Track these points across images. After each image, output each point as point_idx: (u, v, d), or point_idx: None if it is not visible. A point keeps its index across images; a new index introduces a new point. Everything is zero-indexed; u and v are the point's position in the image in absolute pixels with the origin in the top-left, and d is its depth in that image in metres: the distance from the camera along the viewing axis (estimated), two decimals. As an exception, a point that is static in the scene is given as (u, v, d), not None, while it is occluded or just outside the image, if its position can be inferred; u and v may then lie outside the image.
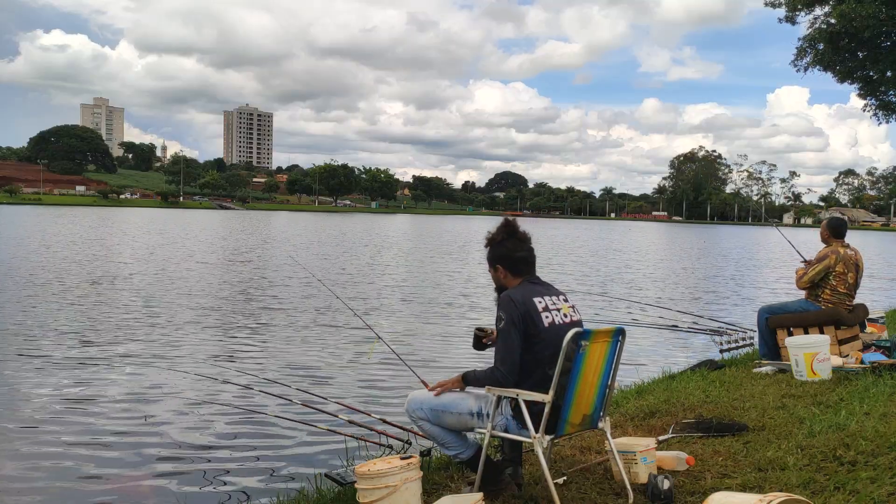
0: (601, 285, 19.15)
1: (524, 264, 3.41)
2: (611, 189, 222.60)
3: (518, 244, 3.42)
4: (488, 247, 3.48)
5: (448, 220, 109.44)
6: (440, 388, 3.42)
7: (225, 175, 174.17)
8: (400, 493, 3.11)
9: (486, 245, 3.48)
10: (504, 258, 3.41)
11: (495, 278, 3.49)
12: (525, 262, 3.41)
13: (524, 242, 3.44)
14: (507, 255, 3.40)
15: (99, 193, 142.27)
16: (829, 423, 4.28)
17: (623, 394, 5.84)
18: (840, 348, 6.29)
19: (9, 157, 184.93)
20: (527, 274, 3.40)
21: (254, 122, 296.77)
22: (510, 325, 3.18)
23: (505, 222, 3.48)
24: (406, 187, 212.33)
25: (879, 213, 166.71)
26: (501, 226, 3.48)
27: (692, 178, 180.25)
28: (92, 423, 6.16)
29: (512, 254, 3.40)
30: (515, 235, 3.44)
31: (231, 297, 14.72)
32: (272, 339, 10.25)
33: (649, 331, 10.38)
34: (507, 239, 3.43)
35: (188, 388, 7.27)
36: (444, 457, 4.01)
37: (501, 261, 3.42)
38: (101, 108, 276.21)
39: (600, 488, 3.53)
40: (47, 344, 9.39)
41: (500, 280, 3.45)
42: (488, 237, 3.47)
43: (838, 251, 6.47)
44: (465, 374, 3.39)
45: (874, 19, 14.42)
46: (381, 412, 5.64)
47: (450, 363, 8.83)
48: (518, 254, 3.40)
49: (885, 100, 17.22)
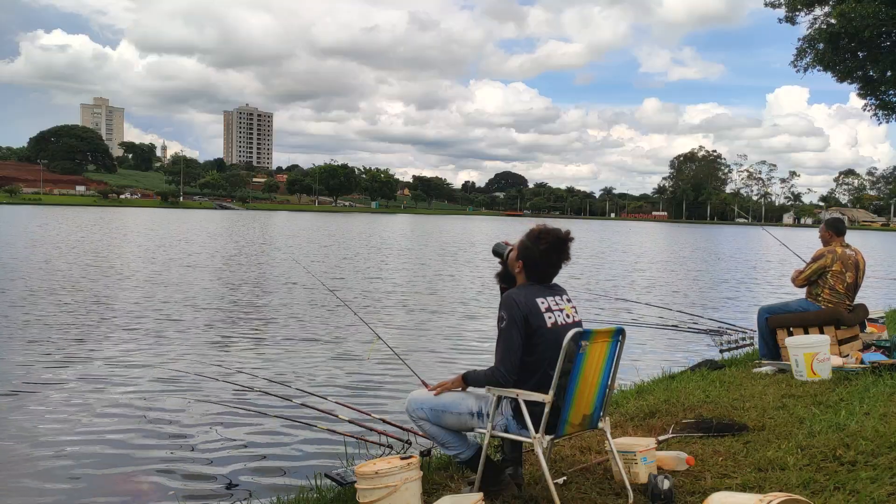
0: (601, 285, 19.14)
1: (544, 276, 3.34)
2: (611, 189, 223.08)
3: (556, 261, 3.29)
4: (530, 237, 3.31)
5: (448, 221, 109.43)
6: (441, 388, 3.41)
7: (225, 175, 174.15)
8: (400, 493, 3.11)
9: (530, 238, 3.31)
10: (534, 263, 3.29)
11: (513, 263, 3.38)
12: (545, 276, 3.33)
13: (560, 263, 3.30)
14: (539, 264, 3.29)
15: (99, 193, 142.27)
16: (829, 423, 4.28)
17: (623, 394, 5.83)
18: (840, 348, 6.29)
19: (9, 157, 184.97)
20: (539, 283, 3.33)
21: (254, 122, 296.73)
22: (511, 325, 3.16)
23: (561, 235, 3.28)
24: (406, 187, 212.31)
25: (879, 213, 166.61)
26: (556, 235, 3.27)
27: (692, 178, 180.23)
28: (91, 423, 6.16)
29: (544, 266, 3.30)
30: (560, 253, 3.28)
31: (231, 296, 14.71)
32: (272, 339, 10.25)
33: (649, 331, 10.39)
34: (552, 250, 3.27)
35: (188, 388, 7.26)
36: (444, 457, 4.01)
37: (529, 261, 3.30)
38: (101, 108, 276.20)
39: (600, 488, 3.53)
40: (47, 344, 9.39)
41: (512, 270, 3.39)
42: (538, 232, 3.30)
43: (836, 251, 6.47)
44: (465, 374, 3.38)
45: (874, 19, 14.43)
46: (381, 412, 5.64)
47: (450, 363, 8.84)
48: (547, 269, 3.31)
49: (885, 99, 17.22)
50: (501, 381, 3.17)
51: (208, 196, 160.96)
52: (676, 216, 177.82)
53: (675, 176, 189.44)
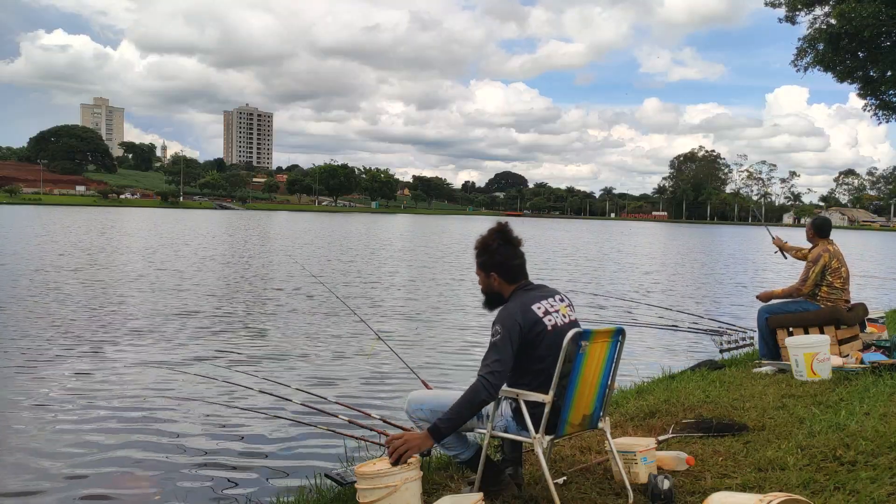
0: (601, 285, 19.14)
1: (519, 270, 3.31)
2: (611, 189, 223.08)
3: (514, 251, 3.29)
4: (481, 252, 3.32)
5: (448, 221, 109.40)
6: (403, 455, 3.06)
7: (225, 175, 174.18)
8: (400, 493, 3.10)
9: (478, 249, 3.32)
10: (500, 266, 3.28)
11: (486, 284, 3.36)
12: (520, 269, 3.32)
13: (518, 248, 3.32)
14: (503, 263, 3.28)
15: (99, 193, 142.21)
16: (829, 423, 4.28)
17: (623, 394, 5.83)
18: (840, 348, 6.29)
19: (9, 157, 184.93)
20: (521, 279, 3.32)
21: (254, 122, 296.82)
22: (506, 339, 3.10)
23: (498, 227, 3.32)
24: (406, 187, 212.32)
25: (879, 213, 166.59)
26: (496, 231, 3.31)
27: (692, 178, 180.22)
28: (91, 423, 6.16)
29: (508, 262, 3.29)
30: (510, 242, 3.29)
31: (231, 296, 14.71)
32: (272, 339, 10.24)
33: (649, 331, 10.37)
34: (502, 245, 3.28)
35: (188, 388, 7.26)
36: (444, 457, 4.01)
37: (497, 269, 3.29)
38: (101, 108, 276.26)
39: (600, 488, 3.53)
40: (47, 344, 9.39)
41: (493, 287, 3.34)
42: (481, 242, 3.32)
43: (829, 248, 6.53)
44: (430, 428, 3.08)
45: (874, 19, 14.42)
46: (381, 412, 5.64)
47: (449, 363, 8.84)
48: (514, 262, 3.29)
49: (885, 99, 17.21)
50: (484, 396, 3.06)
51: (208, 196, 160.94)
52: (676, 216, 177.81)
53: (675, 176, 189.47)
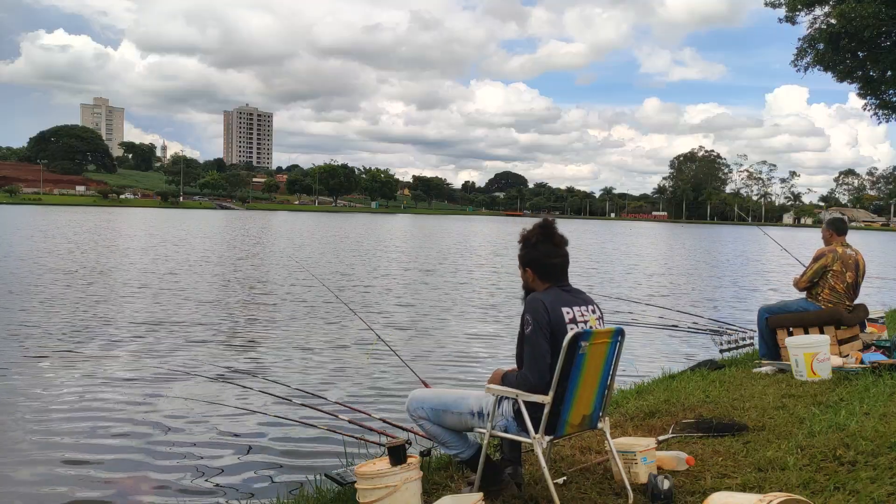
0: (601, 285, 19.14)
1: (556, 270, 3.28)
2: (611, 189, 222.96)
3: (553, 249, 3.26)
4: (522, 246, 3.33)
5: (448, 221, 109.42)
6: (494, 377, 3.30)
7: (225, 175, 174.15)
8: (400, 493, 3.11)
9: (520, 243, 3.33)
10: (535, 262, 3.27)
11: (523, 278, 3.38)
12: (558, 269, 3.28)
13: (559, 248, 3.27)
14: (539, 260, 3.27)
15: (99, 193, 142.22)
16: (829, 423, 4.28)
17: (623, 394, 5.83)
18: (840, 348, 6.29)
19: (9, 157, 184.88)
20: (557, 280, 3.29)
21: (254, 122, 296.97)
22: (537, 331, 3.10)
23: (543, 224, 3.31)
24: (406, 187, 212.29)
25: (879, 213, 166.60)
26: (538, 227, 3.30)
27: (692, 178, 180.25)
28: (91, 423, 6.15)
29: (545, 259, 3.27)
30: (552, 240, 3.27)
31: (231, 296, 14.71)
32: (272, 339, 10.25)
33: (649, 331, 10.37)
34: (542, 242, 3.27)
35: (188, 388, 7.26)
36: (444, 457, 4.01)
37: (532, 264, 3.28)
38: (101, 108, 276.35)
39: (600, 488, 3.53)
40: (47, 344, 9.39)
41: (528, 282, 3.35)
42: (523, 235, 3.33)
43: (836, 250, 6.49)
44: (505, 374, 3.27)
45: (874, 19, 14.42)
46: (382, 412, 5.64)
47: (450, 363, 8.83)
48: (552, 260, 3.27)
49: (885, 99, 17.21)
50: (529, 388, 3.11)
51: (208, 196, 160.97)
52: (676, 216, 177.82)
53: (675, 176, 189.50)
